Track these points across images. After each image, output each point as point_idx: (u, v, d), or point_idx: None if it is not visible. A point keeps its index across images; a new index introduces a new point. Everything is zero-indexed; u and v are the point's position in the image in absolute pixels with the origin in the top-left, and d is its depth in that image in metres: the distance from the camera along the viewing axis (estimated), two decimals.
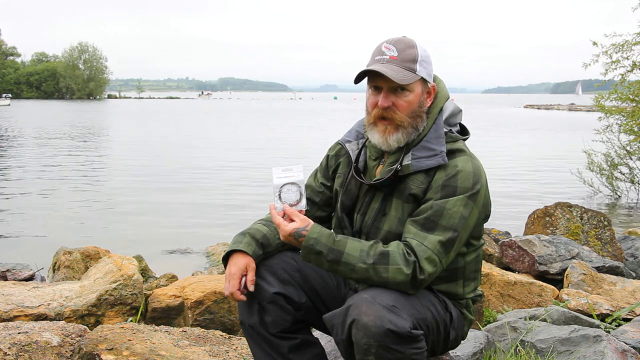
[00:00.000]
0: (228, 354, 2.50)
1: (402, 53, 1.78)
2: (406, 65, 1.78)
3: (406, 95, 1.79)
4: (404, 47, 1.79)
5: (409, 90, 1.79)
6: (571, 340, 2.50)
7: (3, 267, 4.22)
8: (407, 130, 1.81)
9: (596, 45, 9.38)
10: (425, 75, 1.81)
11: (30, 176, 11.53)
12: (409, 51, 1.79)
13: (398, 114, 1.79)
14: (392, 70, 1.75)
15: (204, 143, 19.76)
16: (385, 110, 1.80)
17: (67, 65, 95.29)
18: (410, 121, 1.80)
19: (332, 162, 2.05)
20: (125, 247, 5.67)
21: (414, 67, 1.78)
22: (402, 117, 1.79)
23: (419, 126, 1.82)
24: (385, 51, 1.79)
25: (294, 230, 1.72)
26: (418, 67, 1.79)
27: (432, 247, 1.70)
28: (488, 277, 3.65)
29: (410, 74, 1.77)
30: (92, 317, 3.04)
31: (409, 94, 1.79)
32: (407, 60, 1.78)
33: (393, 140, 1.81)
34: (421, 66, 1.80)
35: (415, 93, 1.80)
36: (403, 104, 1.79)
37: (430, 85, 1.85)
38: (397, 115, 1.79)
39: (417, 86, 1.80)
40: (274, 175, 1.80)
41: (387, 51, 1.79)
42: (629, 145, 9.98)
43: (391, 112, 1.80)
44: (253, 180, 11.26)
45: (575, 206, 4.88)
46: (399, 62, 1.77)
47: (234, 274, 1.82)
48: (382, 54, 1.80)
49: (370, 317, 1.58)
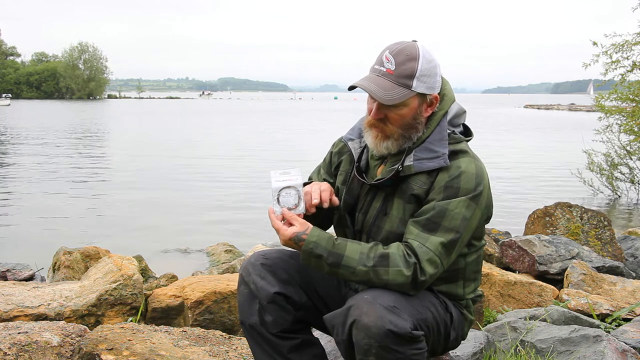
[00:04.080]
0: (228, 354, 2.50)
1: (400, 67, 1.74)
2: (401, 81, 1.74)
3: (399, 109, 1.77)
4: (403, 60, 1.74)
5: (403, 105, 1.77)
6: (571, 340, 2.50)
7: (3, 267, 4.22)
8: (397, 142, 1.80)
9: (596, 45, 9.38)
10: (423, 90, 1.76)
11: (30, 176, 11.53)
12: (408, 65, 1.74)
13: (389, 126, 1.79)
14: (381, 88, 1.73)
15: (204, 143, 19.77)
16: (377, 121, 1.80)
17: (67, 65, 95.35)
18: (401, 132, 1.79)
19: (334, 158, 2.05)
20: (125, 247, 5.66)
21: (409, 83, 1.74)
22: (393, 130, 1.79)
23: (413, 136, 1.81)
24: (385, 62, 1.76)
25: (293, 234, 1.72)
26: (415, 83, 1.74)
27: (434, 249, 1.70)
28: (488, 277, 3.65)
29: (403, 90, 1.74)
30: (92, 317, 3.03)
31: (403, 108, 1.77)
32: (403, 76, 1.74)
33: (383, 147, 1.82)
34: (419, 81, 1.75)
35: (410, 107, 1.78)
36: (395, 117, 1.78)
37: (431, 97, 1.80)
38: (388, 128, 1.79)
39: (412, 100, 1.77)
40: (272, 178, 1.79)
41: (386, 63, 1.76)
42: (629, 145, 9.97)
43: (382, 124, 1.80)
44: (253, 180, 11.26)
45: (575, 206, 4.88)
46: (394, 77, 1.74)
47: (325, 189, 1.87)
48: (381, 64, 1.77)
49: (371, 317, 1.58)
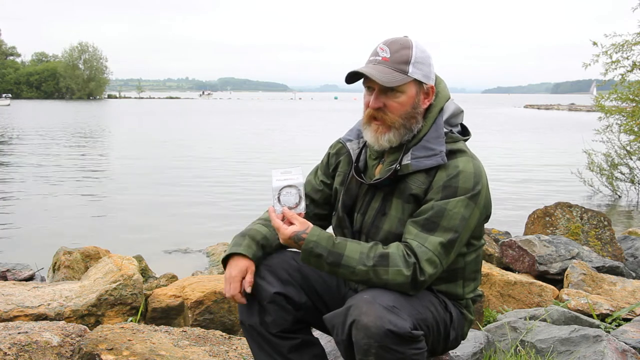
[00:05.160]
0: (228, 354, 2.50)
1: (395, 54, 1.77)
2: (397, 67, 1.77)
3: (397, 97, 1.78)
4: (397, 48, 1.78)
5: (400, 92, 1.78)
6: (571, 340, 2.50)
7: (3, 267, 4.22)
8: (399, 131, 1.80)
9: (596, 45, 9.38)
10: (419, 77, 1.79)
11: (30, 176, 11.52)
12: (403, 52, 1.78)
13: (389, 115, 1.79)
14: (379, 72, 1.75)
15: (204, 143, 19.76)
16: (377, 110, 1.80)
17: (67, 65, 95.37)
18: (402, 122, 1.79)
19: (332, 160, 2.05)
20: (125, 247, 5.66)
21: (405, 69, 1.77)
22: (394, 118, 1.79)
23: (413, 127, 1.81)
24: (379, 52, 1.79)
25: (293, 233, 1.72)
26: (411, 69, 1.77)
27: (433, 249, 1.70)
28: (488, 277, 3.64)
29: (400, 75, 1.76)
30: (92, 317, 3.03)
31: (401, 95, 1.78)
32: (399, 62, 1.77)
33: (384, 140, 1.81)
34: (415, 67, 1.78)
35: (408, 94, 1.79)
36: (394, 105, 1.79)
37: (427, 87, 1.83)
38: (388, 117, 1.79)
39: (410, 87, 1.79)
40: (273, 177, 1.79)
41: (380, 52, 1.79)
42: (629, 145, 9.97)
43: (382, 113, 1.80)
44: (253, 180, 11.26)
45: (575, 206, 4.88)
46: (390, 63, 1.77)
47: (235, 276, 1.82)
48: (376, 54, 1.80)
49: (371, 317, 1.58)
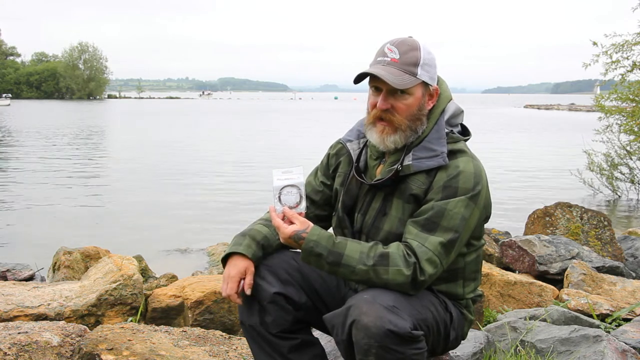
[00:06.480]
0: (228, 354, 2.50)
1: (404, 56, 1.77)
2: (407, 68, 1.77)
3: (405, 99, 1.79)
4: (406, 50, 1.78)
5: (408, 94, 1.78)
6: (571, 340, 2.50)
7: (3, 267, 4.22)
8: (405, 133, 1.80)
9: (596, 45, 9.38)
10: (426, 79, 1.80)
11: (30, 176, 11.53)
12: (412, 54, 1.77)
13: (396, 116, 1.79)
14: (391, 74, 1.75)
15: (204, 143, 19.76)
16: (384, 112, 1.80)
17: (67, 65, 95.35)
18: (408, 124, 1.80)
19: (332, 160, 2.05)
20: (125, 247, 5.66)
21: (414, 71, 1.77)
22: (401, 120, 1.79)
23: (418, 129, 1.82)
24: (388, 53, 1.79)
25: (293, 232, 1.72)
26: (419, 71, 1.78)
27: (433, 249, 1.70)
28: (488, 277, 3.64)
29: (409, 77, 1.76)
30: (92, 317, 3.03)
31: (409, 97, 1.79)
32: (409, 64, 1.77)
33: (390, 142, 1.81)
34: (423, 70, 1.78)
35: (415, 96, 1.79)
36: (402, 106, 1.79)
37: (432, 88, 1.84)
38: (396, 118, 1.79)
39: (417, 89, 1.79)
40: (274, 177, 1.79)
41: (389, 53, 1.78)
42: (629, 145, 9.98)
43: (389, 114, 1.80)
44: (253, 180, 11.26)
45: (575, 206, 4.88)
46: (400, 65, 1.77)
47: (233, 276, 1.82)
48: (385, 55, 1.79)
49: (371, 317, 1.57)
